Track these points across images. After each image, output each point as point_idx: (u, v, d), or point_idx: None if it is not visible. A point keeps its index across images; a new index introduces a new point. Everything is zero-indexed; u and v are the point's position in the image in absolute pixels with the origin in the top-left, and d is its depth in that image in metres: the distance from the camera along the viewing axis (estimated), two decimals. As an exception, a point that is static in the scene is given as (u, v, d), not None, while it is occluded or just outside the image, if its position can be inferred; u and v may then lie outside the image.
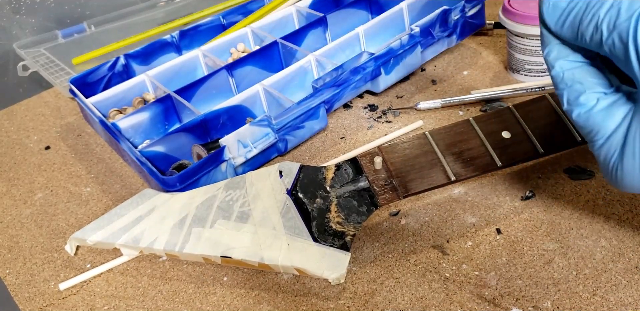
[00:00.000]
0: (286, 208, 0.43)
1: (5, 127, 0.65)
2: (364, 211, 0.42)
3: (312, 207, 0.42)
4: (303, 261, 0.40)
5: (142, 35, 0.74)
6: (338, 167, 0.43)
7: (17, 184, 0.55)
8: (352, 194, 0.42)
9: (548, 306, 0.38)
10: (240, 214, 0.43)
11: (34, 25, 0.81)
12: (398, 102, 0.60)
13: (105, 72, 0.60)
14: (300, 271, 0.40)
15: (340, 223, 0.41)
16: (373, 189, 0.42)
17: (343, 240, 0.41)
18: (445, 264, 0.42)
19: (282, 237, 0.41)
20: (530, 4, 0.55)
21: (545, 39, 0.31)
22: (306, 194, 0.43)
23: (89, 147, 0.59)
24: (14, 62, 0.76)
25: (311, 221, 0.42)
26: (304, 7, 0.67)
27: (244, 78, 0.59)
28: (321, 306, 0.40)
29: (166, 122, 0.56)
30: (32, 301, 0.43)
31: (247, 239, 0.42)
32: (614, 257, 0.40)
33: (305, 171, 0.44)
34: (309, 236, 0.41)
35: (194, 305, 0.41)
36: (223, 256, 0.41)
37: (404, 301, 0.39)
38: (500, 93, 0.57)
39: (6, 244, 0.49)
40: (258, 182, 0.45)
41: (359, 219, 0.41)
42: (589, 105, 0.29)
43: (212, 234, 0.42)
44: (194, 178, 0.46)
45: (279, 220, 0.42)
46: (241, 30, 0.64)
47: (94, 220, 0.44)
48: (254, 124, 0.50)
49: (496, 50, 0.66)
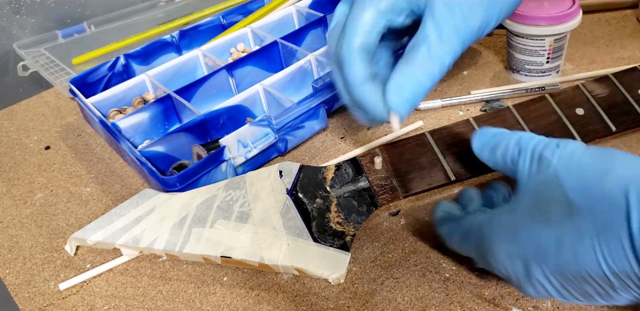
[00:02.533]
0: (286, 208, 0.43)
1: (5, 127, 0.65)
2: (363, 211, 0.42)
3: (312, 207, 0.42)
4: (303, 261, 0.40)
5: (142, 35, 0.74)
6: (338, 167, 0.43)
7: (17, 184, 0.55)
8: (352, 194, 0.42)
9: (548, 306, 0.38)
10: (240, 215, 0.43)
11: (34, 25, 0.81)
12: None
13: (105, 72, 0.60)
14: (300, 271, 0.40)
15: (340, 223, 0.41)
16: (373, 189, 0.42)
17: (343, 240, 0.41)
18: (445, 264, 0.42)
19: (282, 237, 0.41)
20: (530, 4, 0.55)
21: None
22: (306, 194, 0.43)
23: (89, 147, 0.59)
24: (14, 62, 0.76)
25: (311, 221, 0.42)
26: (304, 7, 0.67)
27: (244, 78, 0.59)
28: (321, 306, 0.40)
29: (166, 122, 0.56)
30: (32, 301, 0.43)
31: (247, 239, 0.42)
32: (614, 257, 0.40)
33: (305, 171, 0.44)
34: (309, 236, 0.41)
35: (194, 305, 0.41)
36: (223, 256, 0.41)
37: (404, 301, 0.39)
38: (500, 93, 0.57)
39: (6, 244, 0.49)
40: (258, 182, 0.45)
41: (359, 219, 0.41)
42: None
43: (212, 235, 0.42)
44: (194, 178, 0.46)
45: (279, 220, 0.42)
46: (241, 30, 0.64)
47: (94, 220, 0.44)
48: (254, 124, 0.50)
49: (496, 50, 0.66)
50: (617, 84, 0.46)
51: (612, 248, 0.26)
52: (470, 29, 0.35)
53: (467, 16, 0.34)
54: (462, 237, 0.36)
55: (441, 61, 0.34)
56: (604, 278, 0.27)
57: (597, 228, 0.26)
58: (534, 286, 0.31)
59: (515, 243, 0.30)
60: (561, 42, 0.56)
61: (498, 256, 0.32)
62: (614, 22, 0.69)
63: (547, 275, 0.29)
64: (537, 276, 0.30)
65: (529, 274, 0.30)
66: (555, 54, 0.57)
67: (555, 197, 0.28)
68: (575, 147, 0.30)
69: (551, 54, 0.57)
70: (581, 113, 0.44)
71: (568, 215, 0.27)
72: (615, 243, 0.26)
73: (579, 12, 0.55)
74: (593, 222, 0.26)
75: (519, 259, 0.30)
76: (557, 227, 0.28)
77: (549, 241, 0.28)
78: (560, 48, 0.57)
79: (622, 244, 0.25)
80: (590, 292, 0.29)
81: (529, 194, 0.31)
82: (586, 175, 0.28)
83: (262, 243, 0.41)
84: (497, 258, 0.32)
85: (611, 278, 0.26)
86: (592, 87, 0.46)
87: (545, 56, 0.57)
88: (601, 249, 0.26)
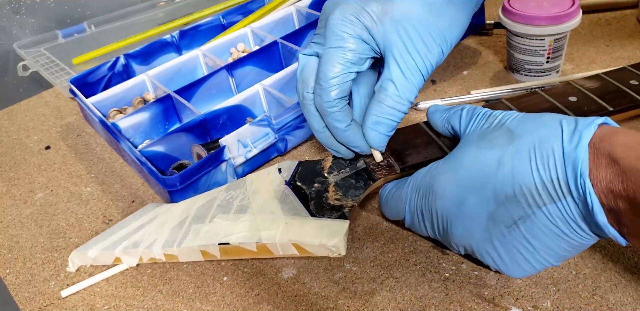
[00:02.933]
0: (284, 195, 0.43)
1: (5, 127, 0.65)
2: (361, 185, 0.42)
3: (310, 190, 0.43)
4: (301, 235, 0.40)
5: (142, 35, 0.74)
6: (335, 157, 0.44)
7: (17, 184, 0.56)
8: (349, 175, 0.43)
9: (548, 306, 0.38)
10: (240, 208, 0.43)
11: (34, 25, 0.81)
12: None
13: (105, 72, 0.60)
14: (300, 248, 0.40)
15: (338, 199, 0.42)
16: (370, 168, 0.43)
17: (341, 211, 0.41)
18: (445, 264, 0.42)
19: (280, 218, 0.41)
20: (530, 4, 0.55)
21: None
22: (304, 182, 0.44)
23: (89, 147, 0.59)
24: (14, 62, 0.76)
25: (309, 202, 0.42)
26: (304, 7, 0.67)
27: (244, 78, 0.59)
28: (321, 306, 0.40)
29: (166, 122, 0.56)
30: (32, 301, 0.43)
31: (246, 226, 0.42)
32: (613, 256, 0.40)
33: (303, 165, 0.45)
34: (307, 213, 0.41)
35: (194, 305, 0.41)
36: (221, 244, 0.41)
37: (403, 300, 0.39)
38: (500, 93, 0.57)
39: (6, 244, 0.49)
40: (257, 180, 0.45)
41: (356, 193, 0.42)
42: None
43: (210, 228, 0.42)
44: (194, 178, 0.46)
45: (277, 206, 0.42)
46: (241, 30, 0.64)
47: (94, 237, 0.45)
48: (254, 124, 0.50)
49: (496, 50, 0.66)
50: (608, 79, 0.47)
51: (545, 156, 0.31)
52: (429, 62, 0.39)
53: (426, 53, 0.38)
54: (411, 192, 0.39)
55: (408, 98, 0.39)
56: (534, 191, 0.31)
57: (533, 143, 0.32)
58: (464, 224, 0.35)
59: (456, 170, 0.35)
60: (561, 42, 0.56)
61: (439, 190, 0.36)
62: (614, 22, 0.69)
63: (482, 200, 0.34)
64: (470, 205, 0.34)
65: (464, 202, 0.34)
66: (555, 54, 0.57)
67: (497, 132, 0.35)
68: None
69: (551, 54, 0.57)
70: (574, 100, 0.45)
71: (510, 140, 0.33)
72: (547, 151, 0.31)
73: (578, 12, 0.55)
74: (530, 140, 0.32)
75: (457, 190, 0.35)
76: (499, 150, 0.33)
77: (491, 161, 0.33)
78: (560, 48, 0.57)
79: (554, 153, 0.31)
80: (519, 213, 0.32)
81: (473, 134, 0.37)
82: (526, 116, 0.35)
83: (260, 225, 0.41)
84: (438, 193, 0.36)
85: (540, 189, 0.31)
86: (583, 82, 0.47)
87: (545, 56, 0.57)
88: (535, 159, 0.32)
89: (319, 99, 0.40)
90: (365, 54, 0.39)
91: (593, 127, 0.31)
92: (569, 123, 0.32)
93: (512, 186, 0.32)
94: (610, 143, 0.30)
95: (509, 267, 0.36)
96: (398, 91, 0.38)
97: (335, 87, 0.39)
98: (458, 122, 0.39)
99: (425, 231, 0.39)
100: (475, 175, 0.34)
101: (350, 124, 0.40)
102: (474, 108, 0.39)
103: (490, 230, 0.34)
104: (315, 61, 0.40)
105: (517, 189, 0.32)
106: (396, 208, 0.41)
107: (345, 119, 0.40)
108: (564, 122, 0.32)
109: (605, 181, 0.30)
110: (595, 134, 0.31)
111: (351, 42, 0.38)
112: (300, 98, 0.42)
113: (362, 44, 0.38)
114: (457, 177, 0.35)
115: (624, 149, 0.30)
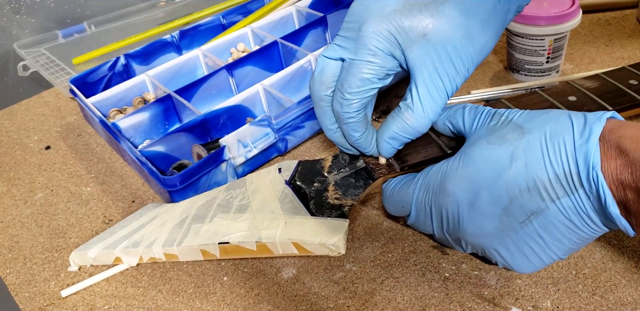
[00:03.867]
0: (284, 194, 0.43)
1: (5, 127, 0.65)
2: (361, 185, 0.42)
3: (310, 190, 0.43)
4: (300, 234, 0.40)
5: (142, 35, 0.74)
6: (335, 156, 0.44)
7: (17, 184, 0.56)
8: (349, 175, 0.43)
9: (547, 306, 0.38)
10: (240, 207, 0.43)
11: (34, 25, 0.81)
12: (398, 102, 0.60)
13: (105, 72, 0.60)
14: (299, 247, 0.40)
15: (337, 198, 0.42)
16: (370, 167, 0.43)
17: (341, 211, 0.41)
18: (445, 264, 0.42)
19: (280, 217, 0.41)
20: (530, 4, 0.55)
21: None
22: (304, 181, 0.44)
23: (89, 147, 0.59)
24: (14, 62, 0.76)
25: (309, 201, 0.42)
26: (304, 7, 0.67)
27: (244, 78, 0.59)
28: (321, 306, 0.40)
29: (166, 122, 0.56)
30: (32, 301, 0.43)
31: (245, 225, 0.42)
32: (613, 256, 0.40)
33: (303, 164, 0.45)
34: (306, 212, 0.41)
35: (194, 305, 0.41)
36: (221, 243, 0.41)
37: (403, 300, 0.40)
38: (500, 93, 0.58)
39: (6, 244, 0.49)
40: (257, 180, 0.45)
41: (356, 192, 0.42)
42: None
43: (210, 227, 0.42)
44: (194, 178, 0.47)
45: (277, 205, 0.42)
46: (241, 30, 0.64)
47: (95, 236, 0.45)
48: (254, 124, 0.50)
49: (496, 50, 0.66)
50: (608, 79, 0.47)
51: (557, 150, 0.32)
52: (456, 84, 0.39)
53: (454, 76, 0.38)
54: (420, 189, 0.39)
55: (432, 119, 0.39)
56: (548, 185, 0.32)
57: (545, 137, 0.33)
58: (477, 222, 0.35)
59: (468, 167, 0.35)
60: (561, 42, 0.56)
61: (451, 188, 0.36)
62: (614, 22, 0.69)
63: (495, 196, 0.34)
64: (482, 201, 0.34)
65: (476, 199, 0.34)
66: (555, 54, 0.57)
67: (507, 127, 0.35)
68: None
69: (551, 53, 0.57)
70: (574, 99, 0.45)
71: (521, 135, 0.34)
72: (559, 144, 0.32)
73: (578, 12, 0.55)
74: (541, 135, 0.33)
75: (470, 187, 0.35)
76: (511, 145, 0.34)
77: (504, 156, 0.34)
78: (560, 48, 0.57)
79: (565, 146, 0.32)
80: (532, 208, 0.33)
81: (481, 131, 0.37)
82: (532, 112, 0.36)
83: (260, 225, 0.41)
84: (450, 191, 0.36)
85: (554, 183, 0.32)
86: (582, 82, 0.47)
87: (545, 56, 0.57)
88: (547, 153, 0.32)
89: (339, 107, 0.40)
90: (393, 71, 0.39)
91: (602, 121, 0.32)
92: (578, 118, 0.33)
93: (525, 180, 0.33)
94: (619, 135, 0.31)
95: (518, 263, 0.36)
96: (424, 112, 0.38)
97: (357, 100, 0.39)
98: (461, 121, 0.39)
99: (430, 228, 0.39)
100: (488, 171, 0.34)
101: (365, 132, 0.41)
102: (476, 107, 0.39)
103: (503, 226, 0.34)
104: (336, 64, 0.40)
105: (530, 183, 0.32)
106: (401, 203, 0.40)
107: (361, 129, 0.40)
108: (573, 117, 0.33)
109: (615, 172, 0.30)
110: (604, 127, 0.32)
111: (382, 58, 0.38)
112: (315, 98, 0.41)
113: (392, 61, 0.38)
114: (469, 174, 0.35)
115: (632, 140, 0.30)
